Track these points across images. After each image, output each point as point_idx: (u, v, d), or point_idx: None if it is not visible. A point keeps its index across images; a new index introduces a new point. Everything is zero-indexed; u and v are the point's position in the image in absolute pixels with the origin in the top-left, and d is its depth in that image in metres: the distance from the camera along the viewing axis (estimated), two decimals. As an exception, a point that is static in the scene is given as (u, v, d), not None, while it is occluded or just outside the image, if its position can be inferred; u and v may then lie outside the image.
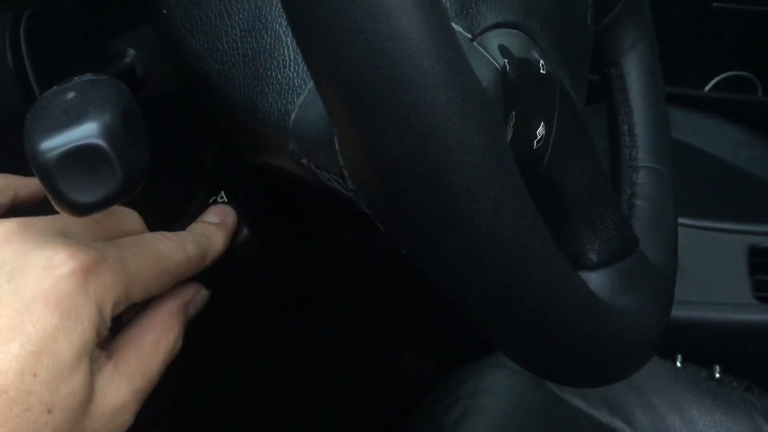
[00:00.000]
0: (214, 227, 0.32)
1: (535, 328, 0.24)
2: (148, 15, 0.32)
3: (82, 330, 0.24)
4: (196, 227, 0.32)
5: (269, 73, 0.27)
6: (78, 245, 0.25)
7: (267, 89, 0.27)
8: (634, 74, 0.42)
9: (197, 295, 0.31)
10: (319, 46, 0.19)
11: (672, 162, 0.42)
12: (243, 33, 0.28)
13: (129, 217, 0.30)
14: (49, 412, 0.23)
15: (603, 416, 0.69)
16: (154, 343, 0.28)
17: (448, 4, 0.25)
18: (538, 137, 0.28)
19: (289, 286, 0.72)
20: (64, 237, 0.26)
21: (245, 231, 0.34)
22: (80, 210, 0.24)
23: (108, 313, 0.25)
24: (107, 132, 0.23)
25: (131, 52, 0.34)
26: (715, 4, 1.21)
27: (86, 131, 0.23)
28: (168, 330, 0.29)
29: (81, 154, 0.23)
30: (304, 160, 0.26)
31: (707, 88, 1.30)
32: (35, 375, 0.23)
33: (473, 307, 0.24)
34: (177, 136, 0.37)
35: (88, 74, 0.26)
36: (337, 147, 0.23)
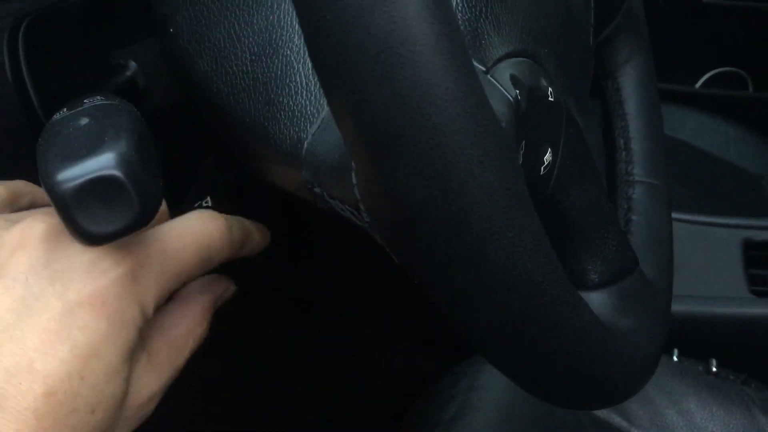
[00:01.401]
0: (249, 222, 0.32)
1: (547, 360, 0.24)
2: (153, 31, 0.32)
3: (127, 333, 0.24)
4: (236, 218, 0.32)
5: (281, 99, 0.27)
6: (120, 249, 0.25)
7: (279, 115, 0.27)
8: (630, 88, 0.42)
9: (227, 290, 0.31)
10: (344, 91, 0.19)
11: (667, 175, 0.42)
12: (253, 57, 0.28)
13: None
14: (93, 412, 0.23)
15: (601, 412, 0.69)
16: (185, 336, 0.28)
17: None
18: (546, 163, 0.28)
19: (286, 290, 0.72)
20: None
21: None
22: (96, 240, 0.24)
23: (150, 312, 0.26)
24: (124, 162, 0.23)
25: (133, 65, 0.34)
26: (705, 0, 1.22)
27: (103, 162, 0.23)
28: (198, 324, 0.29)
29: (98, 186, 0.23)
30: (317, 189, 0.26)
31: (698, 84, 1.30)
32: (82, 378, 0.23)
33: (486, 340, 0.24)
34: (175, 149, 0.37)
35: (99, 97, 0.25)
36: (354, 181, 0.24)
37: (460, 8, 0.25)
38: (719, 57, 1.29)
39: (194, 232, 0.28)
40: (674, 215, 0.88)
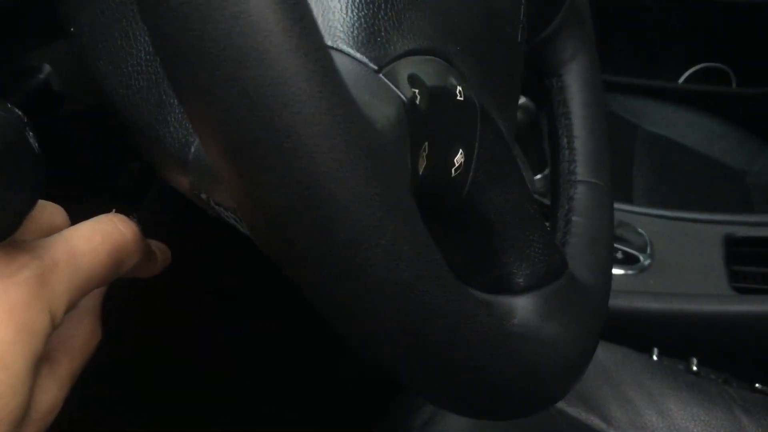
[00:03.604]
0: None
1: (445, 373, 0.24)
2: (61, 29, 0.31)
3: (35, 342, 0.23)
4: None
5: (171, 100, 0.26)
6: (27, 252, 0.24)
7: (169, 118, 0.26)
8: (575, 86, 0.42)
9: (102, 292, 0.30)
10: (192, 91, 0.18)
11: (610, 176, 0.41)
12: (148, 56, 0.27)
13: (51, 209, 0.28)
14: None
15: (579, 413, 0.67)
16: (83, 346, 0.27)
17: (355, 33, 0.24)
18: (457, 165, 0.27)
19: (268, 286, 0.72)
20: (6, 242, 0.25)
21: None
22: None
23: (59, 319, 0.24)
24: None
25: (47, 67, 0.33)
26: (687, -5, 1.22)
27: None
28: (94, 332, 0.28)
29: None
30: (203, 195, 0.26)
31: (681, 80, 1.30)
32: None
33: (378, 356, 0.23)
34: (98, 153, 0.36)
35: None
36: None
37: (356, 4, 0.24)
38: (702, 53, 1.28)
39: (105, 233, 0.26)
40: (656, 211, 0.88)
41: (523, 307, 0.31)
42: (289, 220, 0.19)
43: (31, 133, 0.28)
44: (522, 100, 0.80)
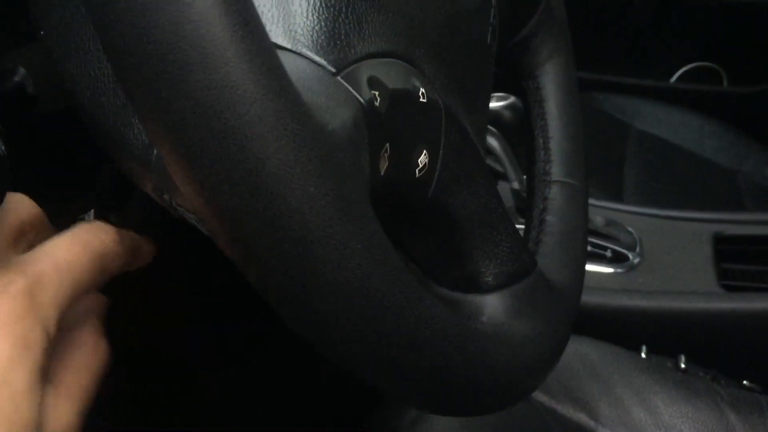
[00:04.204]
0: (134, 234, 0.31)
1: (408, 373, 0.24)
2: (33, 32, 0.32)
3: (33, 355, 0.23)
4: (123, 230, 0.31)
5: None
6: (11, 268, 0.24)
7: (133, 120, 0.26)
8: (550, 87, 0.42)
9: (102, 304, 0.30)
10: (140, 95, 0.18)
11: (585, 176, 0.42)
12: None
13: (24, 203, 0.28)
14: None
15: (567, 410, 0.67)
16: (88, 363, 0.27)
17: (315, 37, 0.24)
18: (421, 165, 0.27)
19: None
20: None
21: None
22: None
23: (53, 330, 0.25)
24: None
25: (21, 70, 0.33)
26: (677, -5, 1.22)
27: None
28: (96, 347, 0.28)
29: None
30: (166, 196, 0.26)
31: (673, 79, 1.30)
32: None
33: (338, 357, 0.23)
34: (72, 155, 0.36)
35: None
36: None
37: (317, 8, 0.24)
38: (694, 52, 1.29)
39: (85, 242, 0.27)
40: (645, 210, 0.88)
41: (491, 305, 0.31)
42: (239, 220, 0.19)
43: None
44: (511, 99, 0.80)
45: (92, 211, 0.35)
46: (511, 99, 0.80)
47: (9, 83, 0.32)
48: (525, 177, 0.85)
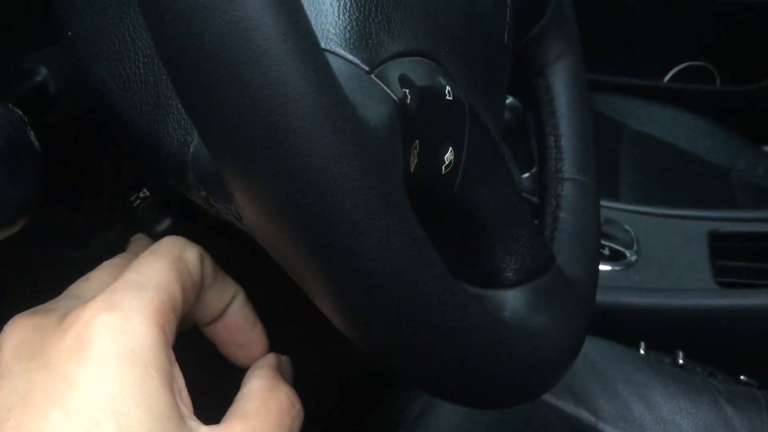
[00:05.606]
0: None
1: (438, 363, 0.24)
2: (58, 32, 0.32)
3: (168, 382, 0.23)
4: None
5: (170, 101, 0.27)
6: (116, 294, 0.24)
7: (168, 118, 0.26)
8: (561, 86, 0.43)
9: (284, 362, 0.31)
10: (193, 92, 0.19)
11: (596, 173, 0.43)
12: (146, 59, 0.28)
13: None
14: None
15: (567, 406, 0.68)
16: (279, 414, 0.27)
17: (347, 36, 0.25)
18: (447, 162, 0.28)
19: (258, 281, 0.72)
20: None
21: (167, 220, 0.33)
22: None
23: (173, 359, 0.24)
24: None
25: (43, 70, 0.33)
26: (671, -5, 1.23)
27: None
28: (292, 404, 0.28)
29: None
30: (202, 193, 0.26)
31: (666, 78, 1.31)
32: None
33: (369, 343, 0.24)
34: (96, 154, 0.36)
35: None
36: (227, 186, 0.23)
37: (348, 7, 0.25)
38: (687, 51, 1.29)
39: (171, 256, 0.26)
40: (642, 208, 0.89)
41: (512, 300, 0.32)
42: (286, 213, 0.20)
43: (31, 132, 0.28)
44: (509, 99, 0.81)
45: (145, 189, 0.35)
46: (509, 100, 0.81)
47: (31, 83, 0.32)
48: (524, 176, 0.85)
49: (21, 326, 0.24)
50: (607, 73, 1.28)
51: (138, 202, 0.36)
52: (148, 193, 0.36)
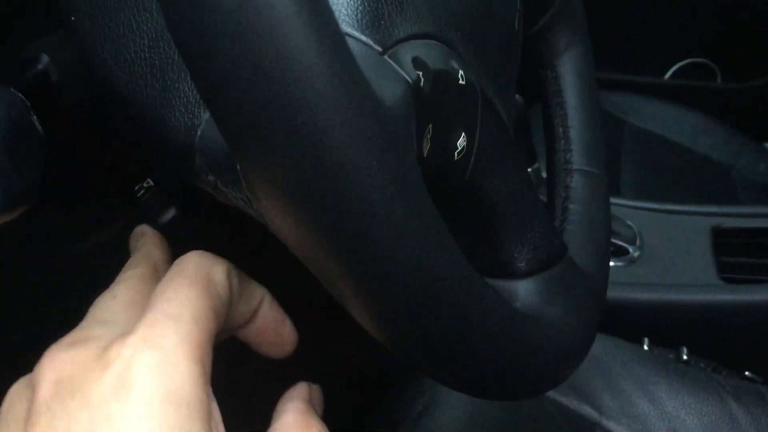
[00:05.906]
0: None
1: (453, 351, 0.24)
2: (59, 20, 0.31)
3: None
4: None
5: (177, 85, 0.26)
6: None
7: (174, 101, 0.26)
8: (569, 77, 0.43)
9: (314, 392, 0.31)
10: (206, 68, 0.18)
11: (606, 164, 0.42)
12: (151, 43, 0.27)
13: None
14: None
15: (571, 402, 0.68)
16: None
17: (359, 16, 0.24)
18: (459, 148, 0.27)
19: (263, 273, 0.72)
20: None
21: (172, 210, 0.33)
22: None
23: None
24: None
25: (45, 58, 0.32)
26: (672, -8, 1.23)
27: None
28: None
29: None
30: (210, 177, 0.26)
31: (667, 75, 1.31)
32: None
33: (383, 330, 0.23)
34: (100, 145, 0.36)
35: None
36: (239, 167, 0.23)
37: None
38: (688, 48, 1.29)
39: (200, 276, 0.26)
40: (645, 204, 0.89)
41: (525, 290, 0.32)
42: (299, 194, 0.19)
43: (34, 117, 0.28)
44: (511, 95, 0.80)
45: (149, 179, 0.34)
46: (512, 94, 0.81)
47: (33, 71, 0.32)
48: (534, 167, 0.85)
49: (60, 361, 0.23)
50: (609, 70, 1.28)
51: (142, 192, 0.36)
52: (152, 184, 0.36)
